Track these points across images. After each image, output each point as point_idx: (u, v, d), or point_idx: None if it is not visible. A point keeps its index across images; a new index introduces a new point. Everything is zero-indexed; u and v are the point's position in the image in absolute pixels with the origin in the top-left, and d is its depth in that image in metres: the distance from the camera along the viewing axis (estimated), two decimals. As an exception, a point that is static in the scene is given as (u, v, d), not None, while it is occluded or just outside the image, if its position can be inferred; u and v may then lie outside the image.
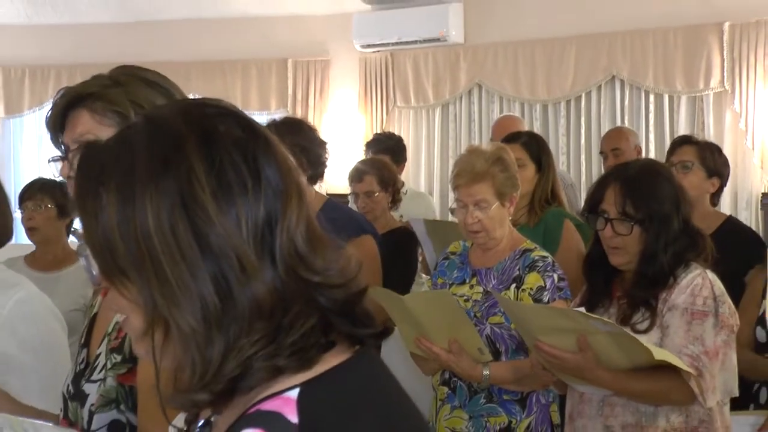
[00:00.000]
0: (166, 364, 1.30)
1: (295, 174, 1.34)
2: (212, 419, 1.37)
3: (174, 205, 1.24)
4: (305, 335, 1.27)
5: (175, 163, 1.26)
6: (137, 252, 1.25)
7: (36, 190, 5.16)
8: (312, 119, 9.84)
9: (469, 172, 3.78)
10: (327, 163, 4.52)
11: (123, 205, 1.26)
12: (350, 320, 1.33)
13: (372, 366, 1.37)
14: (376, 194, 5.84)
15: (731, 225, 4.83)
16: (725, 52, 8.39)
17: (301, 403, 1.24)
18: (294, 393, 1.25)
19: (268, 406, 1.24)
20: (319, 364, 1.29)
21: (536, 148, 4.88)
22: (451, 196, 8.68)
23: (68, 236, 5.23)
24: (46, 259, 5.16)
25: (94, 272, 1.34)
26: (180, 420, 1.45)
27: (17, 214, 5.13)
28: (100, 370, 2.07)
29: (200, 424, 1.38)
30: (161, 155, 1.27)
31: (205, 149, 1.28)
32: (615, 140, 6.76)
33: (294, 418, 1.22)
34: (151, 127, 1.32)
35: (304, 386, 1.26)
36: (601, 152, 6.94)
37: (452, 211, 3.96)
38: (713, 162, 4.85)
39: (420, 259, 5.98)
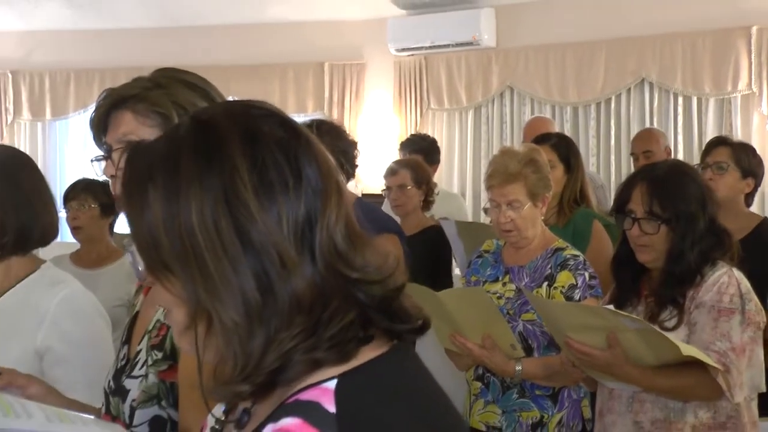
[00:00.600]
0: (208, 358, 1.31)
1: (334, 174, 1.34)
2: (251, 409, 1.37)
3: (217, 202, 1.26)
4: (344, 329, 1.28)
5: (218, 162, 1.28)
6: (181, 248, 1.27)
7: (80, 190, 5.20)
8: (348, 121, 9.88)
9: (502, 173, 3.79)
10: (357, 162, 4.53)
11: (168, 202, 1.27)
12: (388, 316, 1.34)
13: (408, 360, 1.37)
14: (409, 188, 5.84)
15: (766, 227, 4.78)
16: (753, 56, 8.32)
17: (339, 394, 1.24)
18: (332, 384, 1.26)
19: (307, 396, 1.25)
20: (356, 357, 1.29)
21: (565, 149, 4.88)
22: (484, 196, 8.69)
23: (111, 234, 5.27)
24: (90, 256, 5.20)
25: (140, 267, 1.35)
26: (219, 410, 1.47)
27: (62, 214, 5.19)
28: (141, 367, 2.08)
29: (239, 413, 1.39)
30: (205, 154, 1.29)
31: (248, 148, 1.29)
32: (646, 142, 6.69)
33: (331, 408, 1.23)
34: (196, 127, 1.33)
35: (342, 377, 1.26)
36: (632, 154, 6.87)
37: (486, 210, 3.96)
38: (748, 162, 4.82)
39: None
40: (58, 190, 5.83)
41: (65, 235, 5.01)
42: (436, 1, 9.59)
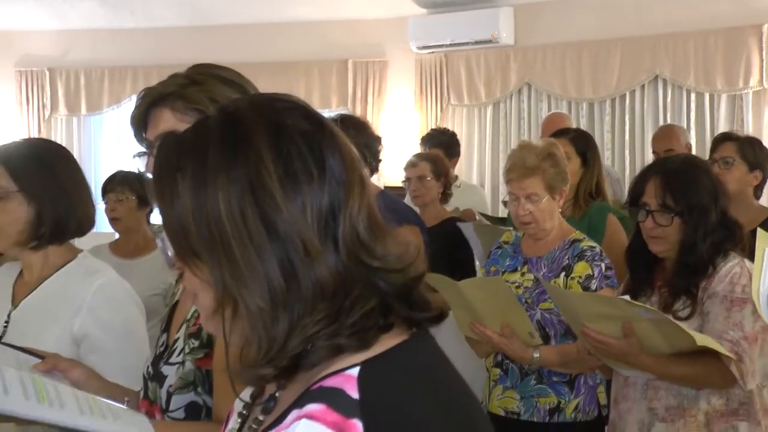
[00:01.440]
0: (234, 341, 1.31)
1: (357, 165, 1.34)
2: (277, 395, 1.37)
3: (244, 191, 1.26)
4: (365, 316, 1.28)
5: (244, 153, 1.28)
6: (209, 235, 1.27)
7: (117, 182, 5.22)
8: (370, 117, 9.89)
9: (520, 166, 3.78)
10: (381, 156, 4.53)
11: (197, 192, 1.28)
12: (408, 304, 1.33)
13: (427, 348, 1.37)
14: (428, 179, 5.85)
15: None
16: (764, 53, 8.29)
17: (362, 381, 1.24)
18: (354, 371, 1.25)
19: (330, 382, 1.25)
20: (377, 344, 1.29)
21: (583, 143, 4.88)
22: (502, 188, 8.67)
23: (148, 225, 5.28)
24: (128, 246, 5.21)
25: (170, 253, 1.35)
26: (247, 395, 1.47)
27: (100, 205, 5.21)
28: (178, 354, 2.08)
29: (265, 398, 1.39)
30: (232, 145, 1.29)
31: (273, 140, 1.29)
32: (667, 141, 6.50)
33: (355, 394, 1.22)
34: (224, 119, 1.33)
35: (364, 365, 1.26)
36: (654, 152, 6.67)
37: (505, 203, 3.96)
38: (754, 156, 4.80)
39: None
40: (93, 182, 5.87)
41: (102, 226, 5.03)
42: (457, 0, 9.58)
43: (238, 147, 1.28)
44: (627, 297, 3.23)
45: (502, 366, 3.86)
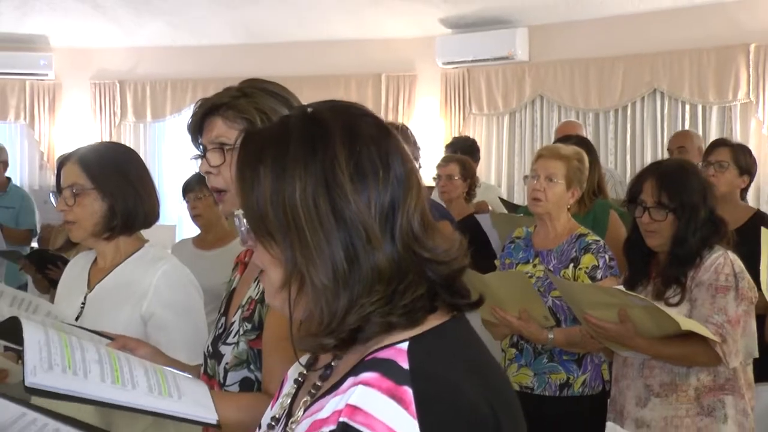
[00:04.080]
0: (297, 315, 1.33)
1: (415, 170, 1.36)
2: (333, 364, 1.39)
3: (318, 183, 1.27)
4: (415, 300, 1.30)
5: (322, 150, 1.29)
6: (284, 219, 1.28)
7: (195, 182, 5.16)
8: (401, 124, 9.87)
9: (552, 149, 3.95)
10: (420, 162, 4.57)
11: (276, 180, 1.29)
12: (451, 291, 1.35)
13: (464, 328, 1.38)
14: (456, 178, 5.89)
15: (759, 218, 4.74)
16: (751, 69, 8.23)
17: (411, 353, 1.26)
18: (404, 345, 1.27)
19: (383, 354, 1.27)
20: (424, 323, 1.31)
21: (585, 148, 4.86)
22: (517, 189, 8.65)
23: (226, 218, 5.26)
24: (208, 239, 5.16)
25: (245, 230, 1.37)
26: (297, 371, 1.49)
27: (182, 205, 5.26)
28: (234, 335, 2.09)
29: (322, 368, 1.40)
30: (311, 142, 1.30)
31: (348, 141, 1.30)
32: (681, 139, 6.52)
33: (405, 365, 1.24)
34: (306, 119, 1.34)
35: (413, 340, 1.28)
36: (668, 149, 6.67)
37: (525, 178, 4.01)
38: (745, 162, 4.80)
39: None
40: (157, 180, 5.89)
41: (164, 218, 5.05)
42: (478, 22, 9.59)
43: (316, 144, 1.29)
44: (621, 287, 3.25)
45: (518, 346, 3.88)
